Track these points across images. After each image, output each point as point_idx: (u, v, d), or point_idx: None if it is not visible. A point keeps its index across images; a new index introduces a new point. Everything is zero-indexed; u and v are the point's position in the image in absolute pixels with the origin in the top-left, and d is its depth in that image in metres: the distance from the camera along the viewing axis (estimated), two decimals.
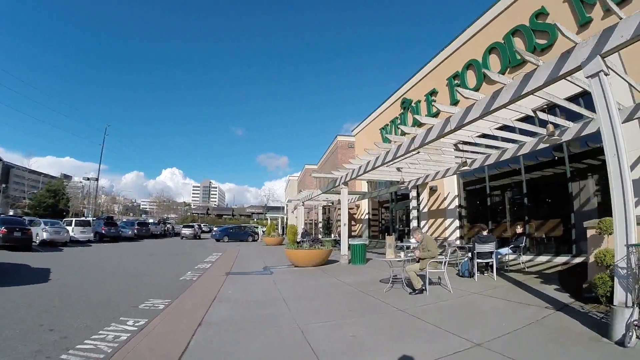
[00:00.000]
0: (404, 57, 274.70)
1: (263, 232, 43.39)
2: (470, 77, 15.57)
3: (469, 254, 10.30)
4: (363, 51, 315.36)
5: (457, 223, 16.75)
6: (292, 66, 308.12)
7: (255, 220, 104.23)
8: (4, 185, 67.47)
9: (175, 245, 30.82)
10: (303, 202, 25.36)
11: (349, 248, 15.00)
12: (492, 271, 9.93)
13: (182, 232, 44.54)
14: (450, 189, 17.23)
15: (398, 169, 15.32)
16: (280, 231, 50.50)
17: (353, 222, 28.46)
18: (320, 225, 31.36)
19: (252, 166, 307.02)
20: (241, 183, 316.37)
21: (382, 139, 23.36)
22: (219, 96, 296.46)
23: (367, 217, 27.26)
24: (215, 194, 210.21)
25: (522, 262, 10.89)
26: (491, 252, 9.81)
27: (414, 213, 17.71)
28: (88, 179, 50.87)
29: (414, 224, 17.47)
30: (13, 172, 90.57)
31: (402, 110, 21.60)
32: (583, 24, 10.39)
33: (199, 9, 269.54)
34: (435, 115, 17.10)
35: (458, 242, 15.75)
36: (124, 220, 49.43)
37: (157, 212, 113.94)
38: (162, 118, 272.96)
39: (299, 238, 18.56)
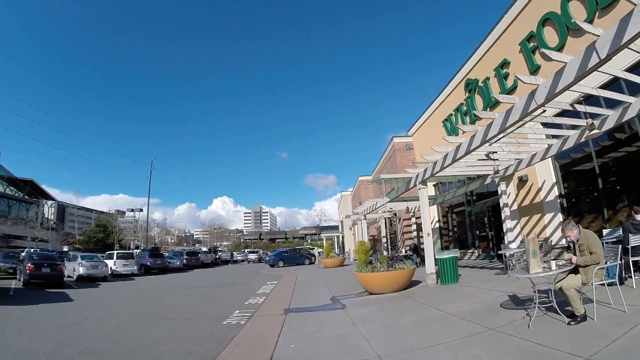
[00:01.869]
0: (443, 60, 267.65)
1: (319, 253, 40.55)
2: (550, 35, 12.43)
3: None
4: (398, 60, 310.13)
5: (559, 217, 13.19)
6: (329, 84, 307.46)
7: (309, 241, 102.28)
8: (54, 222, 68.67)
9: (226, 274, 28.39)
10: (365, 215, 22.15)
11: (435, 264, 11.75)
12: None
13: (249, 257, 53.63)
14: (546, 176, 13.77)
15: (489, 156, 12.04)
16: (337, 251, 47.66)
17: (421, 234, 24.93)
18: (384, 240, 27.88)
19: (300, 188, 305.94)
20: (291, 206, 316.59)
21: (447, 132, 20.28)
22: (260, 122, 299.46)
23: (437, 225, 23.66)
24: (267, 219, 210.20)
25: None
26: None
27: (505, 212, 14.16)
28: (132, 210, 50.00)
29: (508, 224, 13.96)
30: (67, 210, 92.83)
31: (467, 94, 18.38)
32: None
33: (234, 37, 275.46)
34: (512, 90, 14.50)
35: (564, 240, 12.19)
36: (173, 250, 48.10)
37: (210, 240, 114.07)
38: (208, 148, 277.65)
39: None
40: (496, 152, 12.07)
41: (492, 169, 13.22)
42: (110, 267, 25.71)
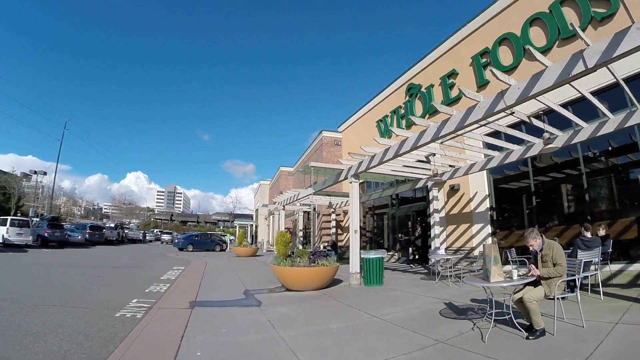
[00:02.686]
0: (381, 67, 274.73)
1: (231, 241, 38.90)
2: (505, 54, 12.67)
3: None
4: (338, 58, 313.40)
5: (488, 229, 13.29)
6: (261, 71, 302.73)
7: (221, 228, 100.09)
8: None
9: (131, 254, 25.77)
10: (284, 205, 21.06)
11: (361, 264, 11.01)
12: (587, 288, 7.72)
13: (162, 237, 53.92)
14: (479, 188, 13.80)
15: (428, 158, 11.63)
16: (249, 240, 46.19)
17: (340, 231, 24.44)
18: (300, 234, 26.91)
19: (218, 172, 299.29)
20: (207, 190, 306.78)
21: (380, 133, 19.98)
22: (184, 98, 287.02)
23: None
24: (180, 200, 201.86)
25: (611, 272, 8.66)
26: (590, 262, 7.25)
27: (435, 217, 13.92)
28: (35, 172, 44.58)
29: (436, 230, 13.75)
30: None
31: (407, 98, 18.27)
32: None
33: (166, 7, 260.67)
34: (455, 101, 14.63)
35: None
36: (76, 222, 43.78)
37: (119, 216, 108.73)
38: (128, 119, 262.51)
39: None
40: (435, 154, 11.72)
41: (427, 172, 12.94)
42: (2, 235, 22.69)
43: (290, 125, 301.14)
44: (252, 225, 54.61)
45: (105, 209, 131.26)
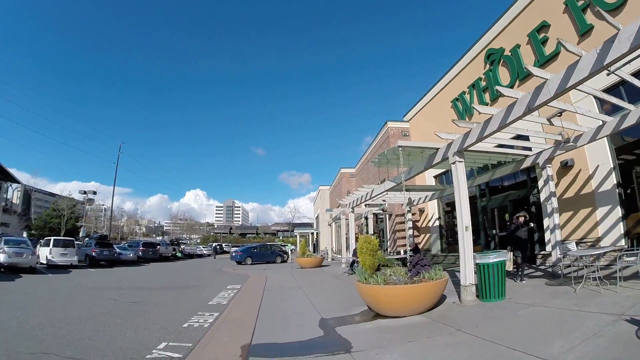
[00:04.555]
0: (425, 67, 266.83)
1: (292, 251, 36.49)
2: None
3: None
4: (381, 63, 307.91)
5: (618, 212, 10.10)
6: (308, 82, 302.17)
7: (281, 238, 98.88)
8: (19, 206, 62.85)
9: (183, 271, 23.72)
10: (353, 207, 18.10)
11: (475, 272, 7.93)
12: None
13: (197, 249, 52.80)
14: (600, 161, 10.68)
15: (550, 121, 8.54)
16: (311, 249, 43.67)
17: (416, 232, 21.23)
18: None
19: (274, 185, 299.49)
20: (264, 202, 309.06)
21: (458, 113, 16.85)
22: (237, 115, 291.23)
23: (436, 223, 19.98)
24: (239, 214, 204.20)
25: None
26: None
27: (552, 203, 10.65)
28: (84, 192, 44.57)
29: (555, 219, 10.45)
30: (34, 196, 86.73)
31: (488, 67, 15.16)
32: None
33: (217, 28, 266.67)
34: (552, 58, 11.89)
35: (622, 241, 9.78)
36: (130, 240, 43.28)
37: (180, 233, 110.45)
38: (184, 139, 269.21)
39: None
40: (561, 113, 8.55)
41: (538, 144, 9.85)
42: (46, 256, 21.51)
43: (341, 132, 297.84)
44: (312, 233, 52.11)
45: (166, 226, 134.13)
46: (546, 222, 11.89)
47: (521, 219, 9.94)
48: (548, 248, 11.58)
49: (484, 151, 10.52)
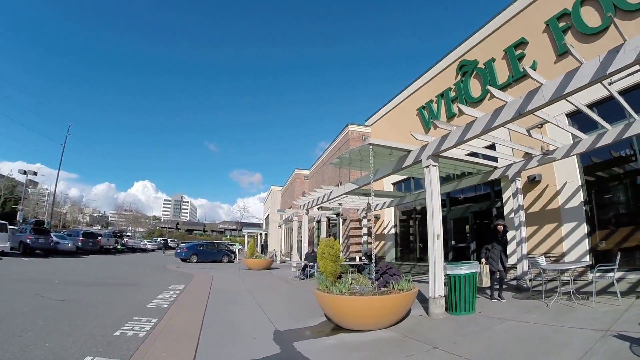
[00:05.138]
0: (387, 73, 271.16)
1: (239, 250, 35.24)
2: (588, 15, 9.97)
3: None
4: (347, 65, 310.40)
5: (584, 228, 10.02)
6: (265, 79, 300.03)
7: (228, 237, 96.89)
8: None
9: (124, 265, 22.00)
10: (307, 210, 17.29)
11: (445, 283, 7.37)
12: None
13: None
14: (568, 178, 10.65)
15: (529, 132, 8.25)
16: (259, 250, 42.51)
17: (370, 239, 20.72)
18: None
19: (224, 182, 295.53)
20: (213, 199, 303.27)
21: (424, 121, 16.52)
22: (191, 107, 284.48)
23: (392, 231, 19.56)
24: (187, 209, 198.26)
25: None
26: None
27: (520, 216, 10.61)
28: (25, 172, 41.03)
29: (522, 232, 10.29)
30: None
31: (460, 77, 14.89)
32: None
33: (180, 12, 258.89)
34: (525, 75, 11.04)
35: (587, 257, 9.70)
36: (70, 229, 40.48)
37: (125, 224, 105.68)
38: (134, 126, 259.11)
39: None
40: (541, 125, 8.28)
41: (506, 158, 9.59)
42: None
43: (296, 134, 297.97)
44: (261, 233, 50.85)
45: (111, 217, 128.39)
46: (509, 235, 11.68)
47: (500, 227, 8.76)
48: (512, 260, 11.44)
49: (455, 158, 10.05)
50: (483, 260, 8.39)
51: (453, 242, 15.20)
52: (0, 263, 16.76)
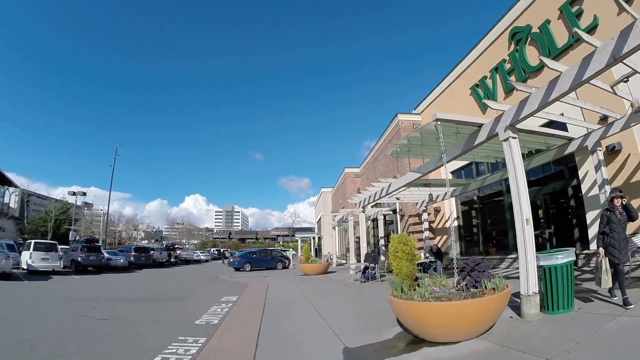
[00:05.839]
0: (428, 63, 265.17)
1: (293, 256, 34.62)
2: None
3: None
4: (381, 61, 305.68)
5: None
6: (303, 82, 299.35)
7: (281, 243, 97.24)
8: (6, 207, 60.94)
9: (175, 278, 21.63)
10: (364, 207, 16.20)
11: (539, 277, 6.15)
12: None
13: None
14: None
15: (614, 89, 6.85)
16: (313, 254, 41.87)
17: (431, 234, 19.40)
18: (381, 243, 21.81)
19: (273, 190, 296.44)
20: (264, 207, 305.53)
21: (479, 100, 15.22)
22: (232, 117, 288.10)
23: (455, 224, 18.15)
24: (239, 219, 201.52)
25: None
26: None
27: (606, 192, 9.26)
28: (74, 193, 42.52)
29: None
30: (32, 200, 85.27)
31: (514, 47, 13.50)
32: None
33: (216, 26, 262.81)
34: (590, 30, 10.00)
35: None
36: (121, 245, 41.48)
37: (178, 238, 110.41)
38: (180, 142, 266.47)
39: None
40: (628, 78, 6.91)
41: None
42: (26, 261, 19.78)
43: (340, 134, 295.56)
44: (314, 237, 50.31)
45: (165, 231, 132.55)
46: (590, 216, 10.44)
47: (618, 201, 6.34)
48: (595, 245, 9.99)
49: (528, 130, 8.72)
50: (601, 250, 6.27)
51: (543, 230, 13.68)
52: (50, 282, 16.72)
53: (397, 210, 22.17)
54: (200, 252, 57.27)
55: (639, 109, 7.59)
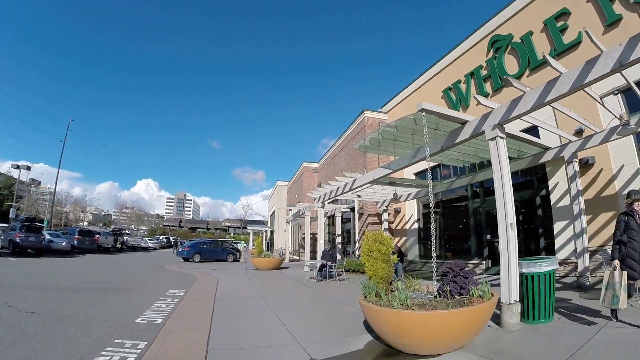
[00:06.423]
0: (390, 71, 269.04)
1: (245, 248, 33.60)
2: None
3: None
4: (346, 63, 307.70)
5: None
6: (268, 77, 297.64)
7: (232, 234, 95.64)
8: None
9: (120, 266, 20.08)
10: (324, 202, 15.59)
11: (523, 284, 5.80)
12: None
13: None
14: (626, 160, 9.31)
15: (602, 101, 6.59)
16: (265, 248, 40.96)
17: (390, 236, 19.02)
18: (337, 240, 21.17)
19: (227, 180, 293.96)
20: (216, 197, 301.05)
21: (451, 105, 14.99)
22: (193, 104, 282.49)
23: (415, 226, 17.87)
24: (190, 207, 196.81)
25: None
26: None
27: (580, 204, 9.23)
28: (18, 166, 39.63)
29: (583, 223, 8.76)
30: None
31: (492, 54, 13.50)
32: None
33: (181, 14, 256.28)
34: (573, 47, 10.42)
35: None
36: (66, 227, 39.08)
37: (127, 223, 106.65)
38: (137, 124, 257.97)
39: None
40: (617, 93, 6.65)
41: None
42: None
43: (298, 131, 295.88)
44: (267, 231, 49.28)
45: (114, 215, 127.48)
46: (558, 226, 10.54)
47: (638, 205, 5.62)
48: (562, 255, 10.23)
49: (508, 134, 8.36)
50: (616, 263, 5.37)
51: (488, 236, 13.56)
52: None
53: (357, 209, 21.69)
54: (149, 239, 55.06)
55: (627, 122, 7.36)
